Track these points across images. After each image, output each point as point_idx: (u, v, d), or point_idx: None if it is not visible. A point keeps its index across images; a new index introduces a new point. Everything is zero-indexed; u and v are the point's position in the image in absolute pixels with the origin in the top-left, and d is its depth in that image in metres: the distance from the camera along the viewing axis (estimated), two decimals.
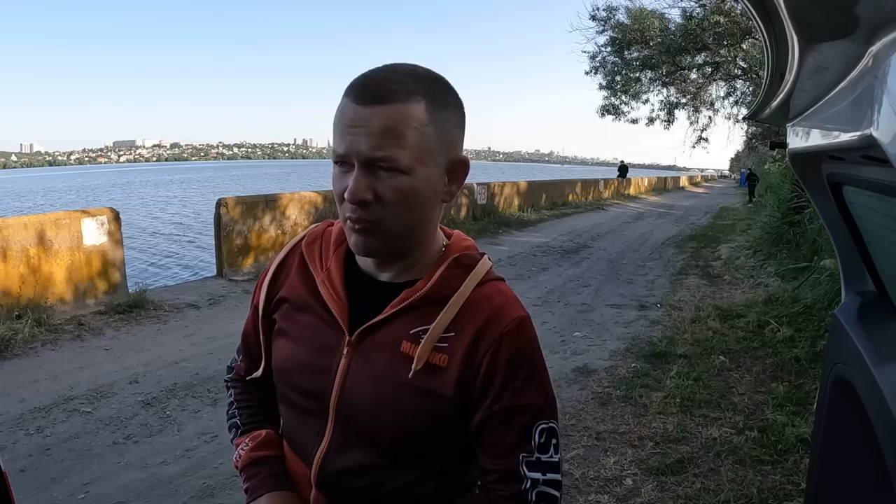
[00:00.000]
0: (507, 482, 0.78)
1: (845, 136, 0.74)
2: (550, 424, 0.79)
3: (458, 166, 0.78)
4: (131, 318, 4.91)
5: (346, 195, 0.72)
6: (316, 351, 0.83)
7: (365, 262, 0.84)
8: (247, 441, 0.91)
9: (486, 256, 0.85)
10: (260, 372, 0.93)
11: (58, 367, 3.86)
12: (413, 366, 0.76)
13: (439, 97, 0.74)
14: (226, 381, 1.03)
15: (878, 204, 0.95)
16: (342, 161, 0.73)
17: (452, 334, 0.77)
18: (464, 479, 0.86)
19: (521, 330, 0.78)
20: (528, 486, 0.77)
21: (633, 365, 4.08)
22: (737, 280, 6.99)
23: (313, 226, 0.92)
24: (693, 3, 10.70)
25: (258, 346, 0.93)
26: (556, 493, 0.79)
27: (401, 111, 0.71)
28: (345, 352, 0.81)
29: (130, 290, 5.56)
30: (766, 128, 11.82)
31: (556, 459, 0.80)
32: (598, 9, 12.07)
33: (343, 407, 0.81)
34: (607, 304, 5.96)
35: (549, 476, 0.78)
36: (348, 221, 0.75)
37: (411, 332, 0.78)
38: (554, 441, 0.80)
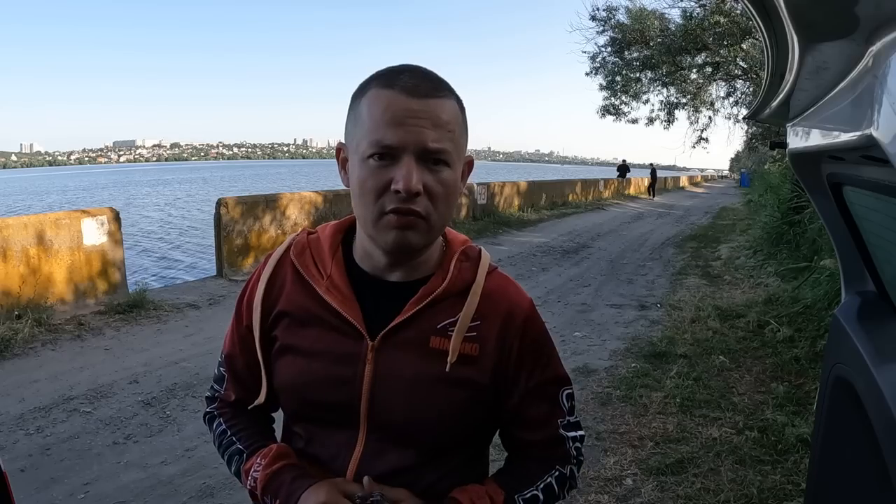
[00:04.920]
0: (554, 447, 0.87)
1: (845, 136, 0.74)
2: (571, 389, 0.89)
3: (467, 166, 0.81)
4: (131, 318, 4.91)
5: (398, 186, 0.69)
6: (334, 362, 0.79)
7: (371, 265, 0.81)
8: (258, 461, 0.83)
9: (482, 248, 0.89)
10: (262, 398, 0.86)
11: (58, 367, 3.86)
12: (449, 358, 0.78)
13: (459, 98, 0.77)
14: (207, 413, 0.93)
15: (878, 204, 0.95)
16: (383, 154, 0.70)
17: (479, 322, 0.80)
18: (482, 468, 0.90)
19: (535, 312, 0.86)
20: (569, 444, 0.88)
21: (633, 365, 4.08)
22: (737, 280, 6.99)
23: (292, 236, 0.87)
24: (693, 3, 10.71)
25: (251, 370, 0.86)
26: (582, 444, 0.91)
27: (451, 106, 0.73)
28: (369, 358, 0.78)
29: (130, 290, 5.56)
30: (766, 128, 11.82)
31: (578, 418, 0.91)
32: (598, 9, 12.10)
33: (376, 413, 0.79)
34: (607, 304, 5.96)
35: (579, 433, 0.90)
36: (391, 215, 0.71)
37: (438, 326, 0.79)
38: (573, 402, 0.90)
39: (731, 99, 12.97)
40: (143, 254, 11.24)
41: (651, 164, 25.91)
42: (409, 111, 0.69)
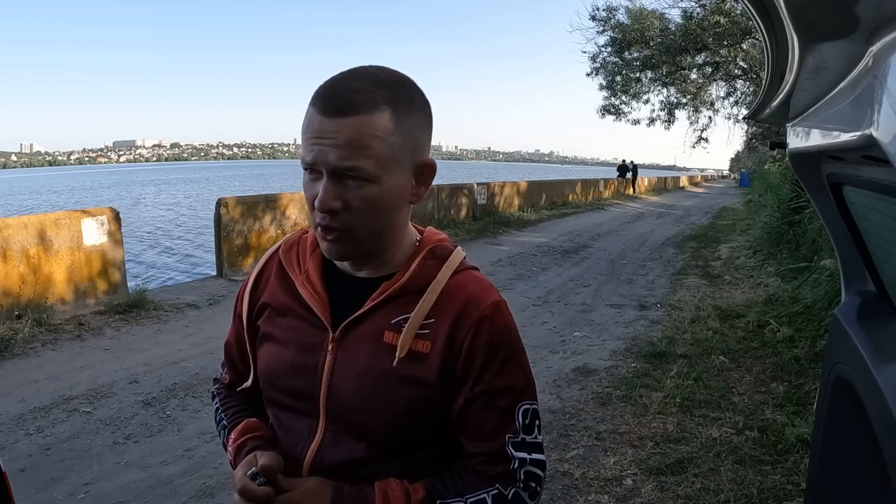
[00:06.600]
0: (495, 463, 0.80)
1: (845, 136, 0.74)
2: (533, 406, 0.82)
3: (425, 169, 0.80)
4: (131, 318, 4.91)
5: (315, 204, 0.75)
6: (301, 351, 0.84)
7: (342, 262, 0.86)
8: (232, 436, 0.91)
9: (458, 248, 0.88)
10: (249, 382, 0.93)
11: (58, 367, 3.86)
12: (397, 354, 0.78)
13: (405, 103, 0.76)
14: (210, 393, 1.04)
15: (878, 204, 0.95)
16: (310, 169, 0.76)
17: (433, 320, 0.80)
18: None
19: (498, 314, 0.81)
20: (516, 465, 0.80)
21: (633, 365, 4.07)
22: (737, 280, 6.99)
23: (289, 234, 0.94)
24: (693, 3, 10.70)
25: (242, 356, 0.94)
26: (542, 473, 0.82)
27: (366, 122, 0.72)
28: (329, 348, 0.82)
29: (130, 290, 5.56)
30: (766, 128, 11.81)
31: (540, 440, 0.83)
32: (598, 9, 12.08)
33: (332, 403, 0.82)
34: (607, 304, 5.96)
35: (535, 456, 0.81)
36: (319, 229, 0.77)
37: (392, 321, 0.80)
38: (537, 422, 0.82)
39: (731, 99, 12.95)
40: (145, 253, 11.25)
41: (632, 161, 26.11)
42: (319, 131, 0.72)
